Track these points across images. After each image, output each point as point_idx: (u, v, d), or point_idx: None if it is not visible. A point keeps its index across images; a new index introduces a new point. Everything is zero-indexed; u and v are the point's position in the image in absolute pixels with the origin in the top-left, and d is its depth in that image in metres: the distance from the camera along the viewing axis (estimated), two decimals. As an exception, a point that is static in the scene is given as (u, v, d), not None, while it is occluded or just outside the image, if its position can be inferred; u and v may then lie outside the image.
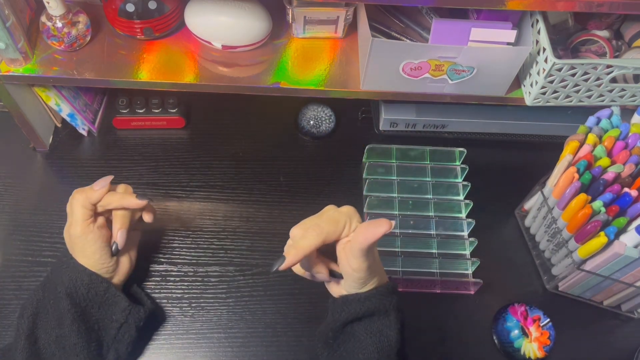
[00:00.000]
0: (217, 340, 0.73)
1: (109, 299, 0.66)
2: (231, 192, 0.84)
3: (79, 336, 0.63)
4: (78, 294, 0.65)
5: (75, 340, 0.63)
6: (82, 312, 0.65)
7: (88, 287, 0.65)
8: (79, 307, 0.64)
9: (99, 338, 0.66)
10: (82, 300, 0.65)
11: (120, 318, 0.67)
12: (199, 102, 0.92)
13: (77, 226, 0.65)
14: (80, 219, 0.65)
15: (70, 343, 0.64)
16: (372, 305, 0.59)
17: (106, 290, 0.66)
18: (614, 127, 0.74)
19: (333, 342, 0.62)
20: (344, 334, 0.62)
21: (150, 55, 0.76)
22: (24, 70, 0.73)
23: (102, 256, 0.66)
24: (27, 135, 0.84)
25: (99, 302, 0.66)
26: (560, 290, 0.79)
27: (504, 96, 0.77)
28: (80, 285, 0.65)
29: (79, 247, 0.66)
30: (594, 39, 0.78)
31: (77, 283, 0.65)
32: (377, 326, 0.60)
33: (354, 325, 0.61)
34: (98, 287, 0.66)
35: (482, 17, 0.71)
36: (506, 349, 0.74)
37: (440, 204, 0.83)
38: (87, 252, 0.66)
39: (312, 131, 0.90)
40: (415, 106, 0.88)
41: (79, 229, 0.65)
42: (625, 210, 0.68)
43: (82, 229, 0.65)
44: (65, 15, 0.71)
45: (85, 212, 0.65)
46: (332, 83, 0.76)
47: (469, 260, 0.78)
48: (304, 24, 0.76)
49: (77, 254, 0.66)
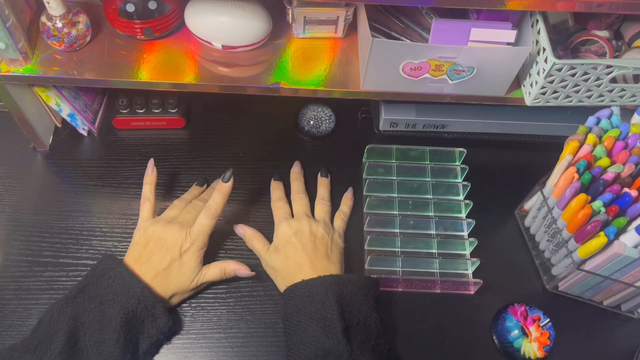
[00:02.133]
0: (217, 340, 0.73)
1: (154, 314, 0.66)
2: (231, 192, 0.84)
3: (116, 345, 0.63)
4: (128, 305, 0.65)
5: (111, 349, 0.63)
6: (127, 323, 0.64)
7: (139, 300, 0.65)
8: (126, 317, 0.64)
9: (133, 350, 0.66)
10: (130, 311, 0.65)
11: (158, 334, 0.67)
12: (199, 102, 0.92)
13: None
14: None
15: (107, 350, 0.63)
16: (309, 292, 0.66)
17: (154, 305, 0.66)
18: (614, 127, 0.74)
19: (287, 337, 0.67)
20: (293, 326, 0.66)
21: (150, 55, 0.76)
22: (24, 71, 0.73)
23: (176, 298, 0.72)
24: (27, 135, 0.84)
25: (143, 317, 0.66)
26: (560, 290, 0.79)
27: (504, 96, 0.77)
28: (133, 296, 0.65)
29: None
30: (594, 39, 0.78)
31: (130, 294, 0.65)
32: (320, 313, 0.65)
33: (300, 317, 0.66)
34: (148, 300, 0.66)
35: (482, 17, 0.71)
36: (506, 349, 0.74)
37: (440, 204, 0.83)
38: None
39: (312, 131, 0.90)
40: (415, 106, 0.88)
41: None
42: (625, 210, 0.68)
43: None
44: (65, 15, 0.71)
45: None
46: (332, 83, 0.76)
47: (469, 260, 0.78)
48: (304, 24, 0.76)
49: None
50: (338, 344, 0.63)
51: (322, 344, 0.63)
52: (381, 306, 0.76)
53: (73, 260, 0.77)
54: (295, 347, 0.65)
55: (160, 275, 0.70)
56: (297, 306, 0.67)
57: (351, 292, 0.68)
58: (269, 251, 0.75)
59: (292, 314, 0.67)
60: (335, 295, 0.66)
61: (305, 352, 0.64)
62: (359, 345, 0.64)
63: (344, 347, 0.63)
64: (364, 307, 0.68)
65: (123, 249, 0.78)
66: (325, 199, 0.82)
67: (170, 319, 0.68)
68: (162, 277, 0.70)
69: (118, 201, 0.82)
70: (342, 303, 0.66)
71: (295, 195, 0.81)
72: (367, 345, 0.65)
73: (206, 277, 0.72)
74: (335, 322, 0.64)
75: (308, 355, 0.64)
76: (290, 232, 0.74)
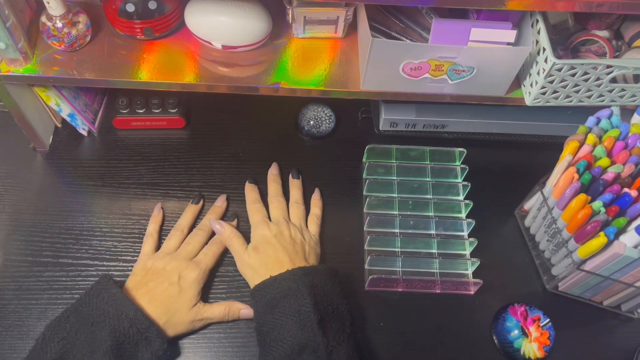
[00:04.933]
0: (217, 340, 0.73)
1: (148, 337, 0.65)
2: (231, 192, 0.84)
3: None
4: (120, 328, 0.63)
5: None
6: (118, 347, 0.63)
7: (131, 322, 0.64)
8: (117, 341, 0.63)
9: None
10: (121, 334, 0.63)
11: (152, 357, 0.65)
12: (199, 102, 0.92)
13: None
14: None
15: None
16: (281, 287, 0.66)
17: (147, 328, 0.65)
18: (614, 127, 0.74)
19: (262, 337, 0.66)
20: (267, 324, 0.65)
21: (150, 55, 0.76)
22: (24, 71, 0.73)
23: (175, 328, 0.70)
24: (27, 135, 0.84)
25: (136, 340, 0.64)
26: (560, 290, 0.79)
27: (504, 96, 0.77)
28: (125, 319, 0.63)
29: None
30: (594, 39, 0.78)
31: (122, 316, 0.64)
32: (294, 307, 0.64)
33: (274, 314, 0.65)
34: (141, 324, 0.64)
35: (482, 17, 0.71)
36: (506, 349, 0.74)
37: (440, 204, 0.83)
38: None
39: (312, 131, 0.90)
40: (415, 106, 0.88)
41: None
42: (625, 211, 0.68)
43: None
44: (65, 15, 0.71)
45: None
46: (332, 83, 0.76)
47: (469, 260, 0.78)
48: (304, 24, 0.76)
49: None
50: (314, 337, 0.62)
51: (298, 338, 0.62)
52: (380, 306, 0.77)
53: (73, 260, 0.77)
54: (270, 345, 0.64)
55: (156, 299, 0.68)
56: (270, 303, 0.66)
57: (321, 282, 0.68)
58: (248, 250, 0.74)
59: (265, 312, 0.66)
60: (307, 287, 0.65)
61: (281, 349, 0.63)
62: (335, 335, 0.64)
63: (320, 339, 0.62)
64: (334, 294, 0.68)
65: (123, 249, 0.78)
66: (299, 202, 0.81)
67: (165, 341, 0.66)
68: (158, 301, 0.68)
69: (118, 201, 0.82)
70: (315, 294, 0.65)
71: (272, 198, 0.81)
72: (342, 334, 0.65)
73: (207, 313, 0.71)
74: (310, 314, 0.63)
75: (284, 352, 0.62)
76: (270, 234, 0.74)
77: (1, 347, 0.70)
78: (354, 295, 0.76)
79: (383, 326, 0.75)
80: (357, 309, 0.76)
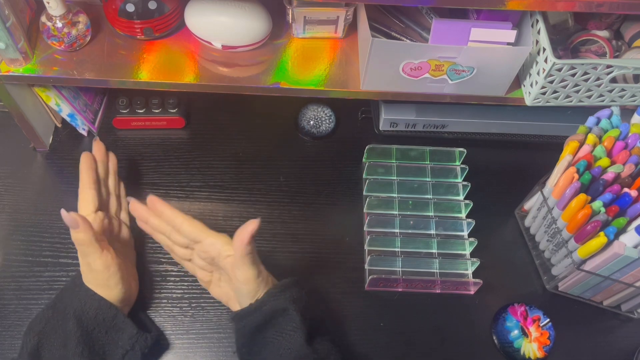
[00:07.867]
0: (217, 340, 0.73)
1: (117, 324, 0.66)
2: (231, 192, 0.84)
3: (81, 359, 0.63)
4: (86, 317, 0.64)
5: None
6: (88, 336, 0.64)
7: (97, 311, 0.65)
8: (86, 331, 0.64)
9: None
10: (89, 323, 0.64)
11: (127, 345, 0.66)
12: (199, 102, 0.92)
13: (98, 260, 0.66)
14: (98, 253, 0.66)
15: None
16: (269, 309, 0.62)
17: (114, 316, 0.66)
18: (614, 127, 0.74)
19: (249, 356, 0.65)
20: (257, 344, 0.64)
21: (150, 55, 0.76)
22: (24, 71, 0.73)
23: (123, 286, 0.67)
24: (27, 135, 0.84)
25: (106, 327, 0.65)
26: (560, 290, 0.79)
27: (504, 96, 0.77)
28: (89, 309, 0.65)
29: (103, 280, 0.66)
30: (594, 39, 0.78)
31: (86, 307, 0.65)
32: (282, 326, 0.63)
33: (263, 332, 0.63)
34: (107, 312, 0.65)
35: (482, 17, 0.71)
36: (506, 349, 0.74)
37: (440, 204, 0.83)
38: (111, 283, 0.66)
39: (312, 131, 0.90)
40: (415, 106, 0.88)
41: (101, 263, 0.66)
42: (625, 211, 0.68)
43: (103, 262, 0.66)
44: (65, 15, 0.71)
45: (96, 246, 0.66)
46: (332, 83, 0.76)
47: (468, 260, 0.78)
48: (304, 24, 0.76)
49: (100, 288, 0.66)
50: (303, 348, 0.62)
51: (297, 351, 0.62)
52: (380, 306, 0.77)
53: (73, 260, 0.77)
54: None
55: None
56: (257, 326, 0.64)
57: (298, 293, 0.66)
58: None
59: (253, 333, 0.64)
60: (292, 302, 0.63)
61: None
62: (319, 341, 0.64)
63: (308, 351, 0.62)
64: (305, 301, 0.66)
65: (123, 249, 0.78)
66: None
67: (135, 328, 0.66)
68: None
69: (118, 201, 0.82)
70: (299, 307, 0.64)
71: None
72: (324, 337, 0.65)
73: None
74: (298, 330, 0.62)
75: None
76: None
77: (1, 347, 0.70)
78: (354, 295, 0.76)
79: (383, 326, 0.75)
80: (357, 309, 0.76)
